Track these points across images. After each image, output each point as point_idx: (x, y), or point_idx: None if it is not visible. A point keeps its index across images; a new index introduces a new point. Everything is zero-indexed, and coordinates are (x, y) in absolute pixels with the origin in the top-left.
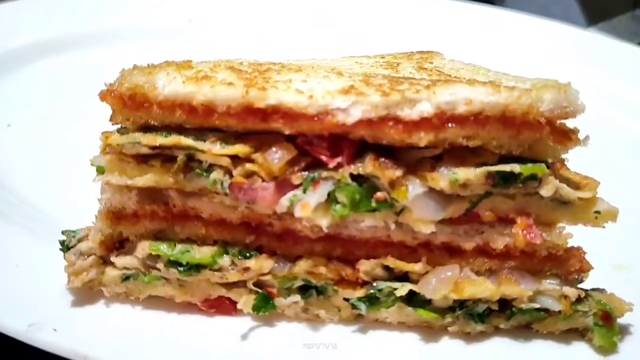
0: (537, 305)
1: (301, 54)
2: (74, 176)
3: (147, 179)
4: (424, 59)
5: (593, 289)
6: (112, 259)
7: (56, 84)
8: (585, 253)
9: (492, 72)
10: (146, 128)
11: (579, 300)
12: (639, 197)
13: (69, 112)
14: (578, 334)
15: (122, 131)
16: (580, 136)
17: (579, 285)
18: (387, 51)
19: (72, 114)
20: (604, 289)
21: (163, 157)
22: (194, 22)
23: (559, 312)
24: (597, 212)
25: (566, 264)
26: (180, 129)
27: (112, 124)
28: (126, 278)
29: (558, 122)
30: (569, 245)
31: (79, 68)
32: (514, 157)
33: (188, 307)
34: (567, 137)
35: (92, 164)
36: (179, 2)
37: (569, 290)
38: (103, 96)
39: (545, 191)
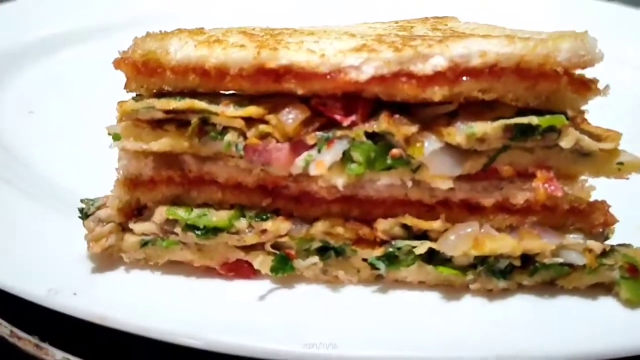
0: (560, 260)
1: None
2: (94, 158)
3: (162, 143)
4: (438, 22)
5: (619, 245)
6: (131, 225)
7: (76, 73)
8: (609, 206)
9: (508, 30)
10: (160, 95)
11: (604, 253)
12: None
13: (88, 99)
14: (604, 288)
15: (136, 98)
16: (600, 86)
17: (605, 242)
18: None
19: (92, 102)
20: (630, 244)
21: (177, 121)
22: (210, 11)
23: (584, 266)
24: (620, 163)
25: (590, 218)
26: (194, 94)
27: (127, 92)
28: (145, 244)
29: (576, 71)
30: (592, 199)
31: (98, 58)
32: (532, 110)
33: (207, 272)
34: (586, 87)
35: (108, 133)
36: None
37: (593, 244)
38: (117, 64)
39: (565, 142)
